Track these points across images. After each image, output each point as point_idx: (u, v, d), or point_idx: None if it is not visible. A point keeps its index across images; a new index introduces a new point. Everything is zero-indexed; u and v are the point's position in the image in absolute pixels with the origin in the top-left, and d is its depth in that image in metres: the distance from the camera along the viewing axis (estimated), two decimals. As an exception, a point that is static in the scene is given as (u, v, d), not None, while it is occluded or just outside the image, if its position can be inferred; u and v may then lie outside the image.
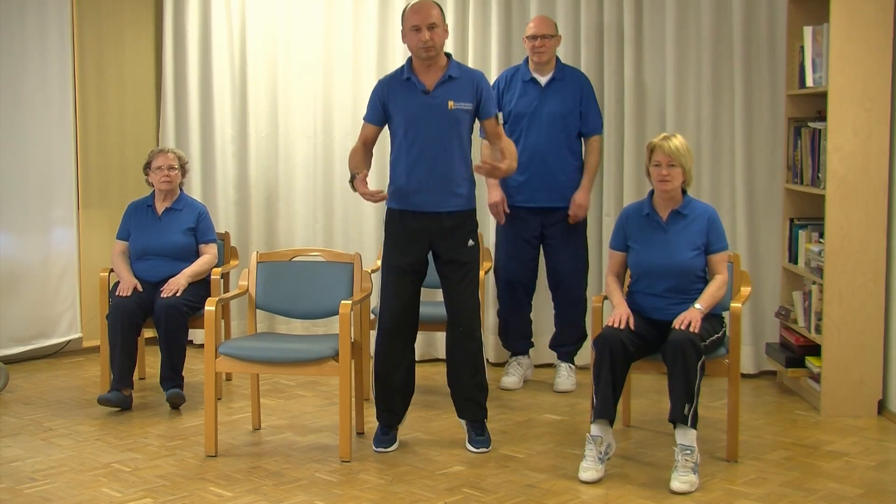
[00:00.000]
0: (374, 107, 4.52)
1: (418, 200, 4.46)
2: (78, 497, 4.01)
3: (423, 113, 4.41)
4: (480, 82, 4.49)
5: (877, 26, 4.91)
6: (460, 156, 4.47)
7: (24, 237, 6.14)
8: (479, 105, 4.46)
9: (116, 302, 5.16)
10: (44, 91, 6.15)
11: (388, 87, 4.49)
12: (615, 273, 4.54)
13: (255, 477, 4.24)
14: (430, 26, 4.37)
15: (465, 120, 4.45)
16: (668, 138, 4.37)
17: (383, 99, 4.48)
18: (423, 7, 4.41)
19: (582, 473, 4.15)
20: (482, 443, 4.55)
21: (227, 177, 6.61)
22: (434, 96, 4.41)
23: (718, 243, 4.39)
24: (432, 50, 4.38)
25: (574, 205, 5.44)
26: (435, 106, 4.41)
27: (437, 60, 4.43)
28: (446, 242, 4.50)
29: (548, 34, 5.43)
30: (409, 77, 4.45)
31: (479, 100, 4.46)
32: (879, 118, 4.94)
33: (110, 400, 5.06)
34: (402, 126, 4.45)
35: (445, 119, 4.41)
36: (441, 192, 4.44)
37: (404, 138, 4.46)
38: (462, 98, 4.42)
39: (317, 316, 4.90)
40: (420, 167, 4.43)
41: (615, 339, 4.19)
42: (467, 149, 4.51)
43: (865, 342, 5.00)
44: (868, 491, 4.07)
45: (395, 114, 4.46)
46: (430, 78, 4.43)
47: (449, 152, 4.43)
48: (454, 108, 4.41)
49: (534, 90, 5.47)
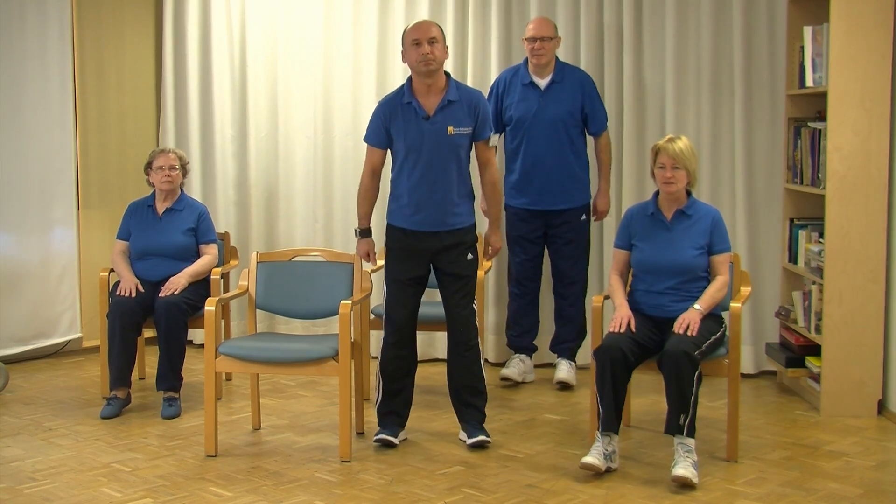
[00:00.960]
0: (377, 131, 4.57)
1: (418, 220, 4.54)
2: (78, 497, 4.01)
3: (423, 139, 4.49)
4: (478, 103, 4.56)
5: (877, 26, 4.91)
6: (459, 177, 4.55)
7: (23, 237, 6.14)
8: (475, 127, 4.53)
9: (116, 301, 5.16)
10: (44, 91, 6.15)
11: (389, 110, 4.54)
12: (619, 272, 4.55)
13: (255, 477, 4.24)
14: (431, 41, 4.42)
15: (464, 144, 4.55)
16: (672, 140, 4.38)
17: (386, 123, 4.54)
18: (424, 23, 4.54)
19: (585, 458, 4.15)
20: (479, 432, 4.57)
21: (227, 177, 6.61)
22: (434, 122, 4.48)
23: (721, 244, 4.40)
24: (433, 63, 4.41)
25: (598, 212, 5.62)
26: (434, 132, 4.48)
27: (437, 81, 4.48)
28: (446, 257, 4.58)
29: (547, 36, 5.43)
30: (410, 101, 4.49)
31: (475, 121, 4.52)
32: (879, 118, 4.94)
33: (113, 413, 5.05)
34: (403, 150, 4.53)
35: (445, 144, 4.49)
36: (440, 213, 4.53)
37: (405, 161, 4.54)
38: (461, 123, 4.50)
39: (317, 316, 4.90)
40: (420, 189, 4.51)
41: (616, 351, 4.20)
42: (466, 169, 4.60)
43: (865, 342, 5.00)
44: (868, 491, 4.07)
45: (397, 138, 4.54)
46: (430, 101, 4.49)
47: (448, 175, 4.52)
48: (454, 133, 4.48)
49: (533, 94, 5.47)
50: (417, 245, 4.55)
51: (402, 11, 6.15)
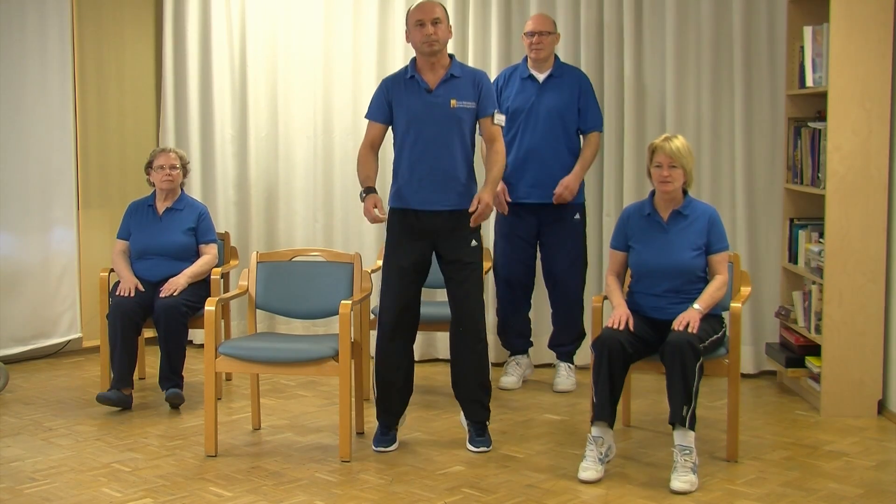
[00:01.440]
0: (380, 105, 4.54)
1: (420, 199, 4.47)
2: (78, 497, 4.01)
3: (426, 111, 4.45)
4: (482, 80, 4.53)
5: (877, 26, 4.91)
6: (462, 155, 4.49)
7: (23, 237, 6.14)
8: (479, 102, 4.49)
9: (116, 301, 5.16)
10: (44, 91, 6.15)
11: (392, 85, 4.52)
12: (615, 273, 4.54)
13: (255, 477, 4.24)
14: (434, 21, 4.42)
15: (467, 119, 4.48)
16: (669, 139, 4.37)
17: (388, 97, 4.51)
18: (428, 4, 4.49)
19: (582, 473, 4.15)
20: (483, 443, 4.55)
21: (227, 177, 6.61)
22: (436, 95, 4.45)
23: (719, 243, 4.39)
24: (436, 44, 4.41)
25: (561, 185, 5.37)
26: (437, 104, 4.44)
27: (441, 59, 4.47)
28: (449, 242, 4.51)
29: (545, 31, 5.44)
30: (413, 76, 4.48)
31: (479, 97, 4.48)
32: (879, 118, 4.94)
33: (110, 398, 5.06)
34: (405, 124, 4.48)
35: (447, 117, 4.45)
36: (443, 190, 4.46)
37: (406, 136, 4.49)
38: (464, 97, 4.46)
39: (317, 316, 4.90)
40: (422, 165, 4.46)
41: (614, 342, 4.19)
42: (469, 148, 4.54)
43: (865, 342, 5.00)
44: (868, 491, 4.07)
45: (399, 112, 4.49)
46: (433, 77, 4.47)
47: (451, 150, 4.46)
48: (456, 106, 4.44)
49: (531, 87, 5.48)
50: (419, 226, 4.48)
51: (401, 11, 6.14)
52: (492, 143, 4.55)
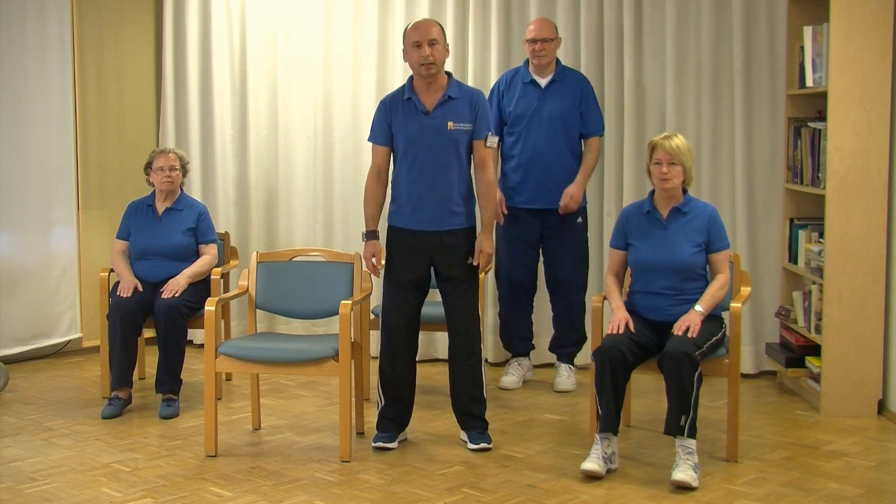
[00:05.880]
0: (381, 128, 4.56)
1: (418, 219, 4.52)
2: (78, 497, 4.01)
3: (423, 133, 4.48)
4: (478, 101, 4.54)
5: (877, 26, 4.91)
6: (459, 175, 4.53)
7: (23, 237, 6.14)
8: (474, 123, 4.51)
9: (116, 302, 5.16)
10: (44, 91, 6.15)
11: (390, 107, 4.55)
12: (615, 272, 4.54)
13: (254, 477, 4.24)
14: (431, 42, 4.42)
15: (464, 140, 4.52)
16: (668, 137, 4.38)
17: (387, 118, 4.54)
18: (424, 24, 4.51)
19: (585, 464, 4.15)
20: (482, 440, 4.56)
21: (227, 177, 6.61)
22: (434, 117, 4.47)
23: (719, 242, 4.39)
24: (433, 67, 4.42)
25: (566, 195, 5.39)
26: (434, 127, 4.47)
27: (438, 79, 4.48)
28: (446, 260, 4.55)
29: (548, 37, 5.43)
30: (410, 97, 4.50)
31: (475, 118, 4.50)
32: (879, 118, 4.94)
33: (114, 413, 5.05)
34: (403, 146, 4.52)
35: (444, 139, 4.48)
36: (440, 211, 4.51)
37: (404, 158, 4.53)
38: (461, 118, 4.49)
39: (317, 316, 4.90)
40: (420, 186, 4.50)
41: (615, 351, 4.19)
42: (466, 168, 4.57)
43: (865, 342, 5.00)
44: (868, 491, 4.07)
45: (397, 134, 4.53)
46: (431, 98, 4.49)
47: (447, 172, 4.50)
48: (453, 128, 4.47)
49: (534, 92, 5.47)
50: (417, 245, 4.54)
51: (401, 11, 6.15)
52: (482, 167, 4.56)
